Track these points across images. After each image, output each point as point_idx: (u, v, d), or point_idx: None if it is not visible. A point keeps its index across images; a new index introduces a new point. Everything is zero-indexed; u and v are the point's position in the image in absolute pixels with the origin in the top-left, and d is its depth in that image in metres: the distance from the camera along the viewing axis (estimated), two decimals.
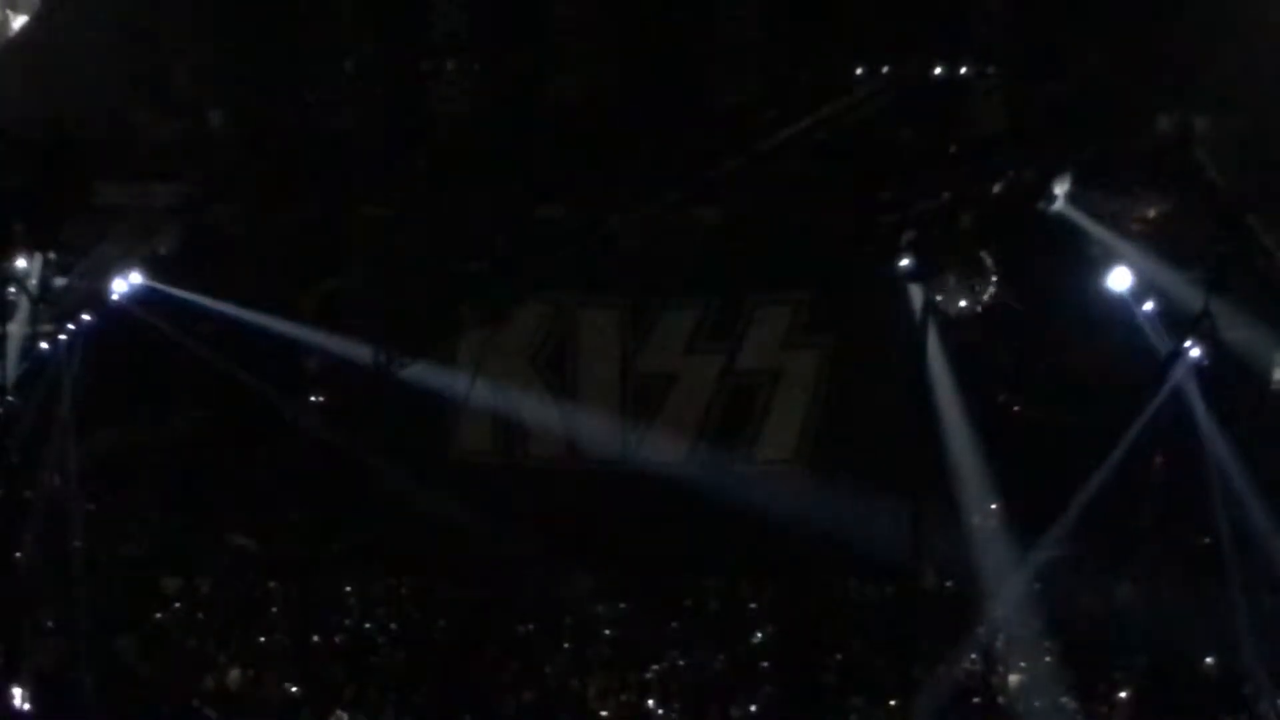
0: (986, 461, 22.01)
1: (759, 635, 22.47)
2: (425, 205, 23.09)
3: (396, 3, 23.09)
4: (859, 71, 22.26)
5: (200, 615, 22.41)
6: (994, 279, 21.64)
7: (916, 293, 21.89)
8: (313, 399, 22.88)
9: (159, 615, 22.32)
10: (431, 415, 23.19)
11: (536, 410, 23.14)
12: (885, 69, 22.20)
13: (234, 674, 21.74)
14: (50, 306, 21.83)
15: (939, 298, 21.71)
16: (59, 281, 21.84)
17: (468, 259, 22.97)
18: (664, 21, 22.63)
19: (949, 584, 22.21)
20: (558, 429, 23.19)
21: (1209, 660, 21.45)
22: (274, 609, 22.44)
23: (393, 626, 22.32)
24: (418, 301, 23.16)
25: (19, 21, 21.88)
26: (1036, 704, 21.44)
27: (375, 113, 23.20)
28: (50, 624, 21.71)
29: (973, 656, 21.80)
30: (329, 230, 23.23)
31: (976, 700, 21.60)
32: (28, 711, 20.78)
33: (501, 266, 23.04)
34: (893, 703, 21.45)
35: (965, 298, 21.79)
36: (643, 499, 22.93)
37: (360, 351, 22.68)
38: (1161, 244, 21.94)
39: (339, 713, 21.32)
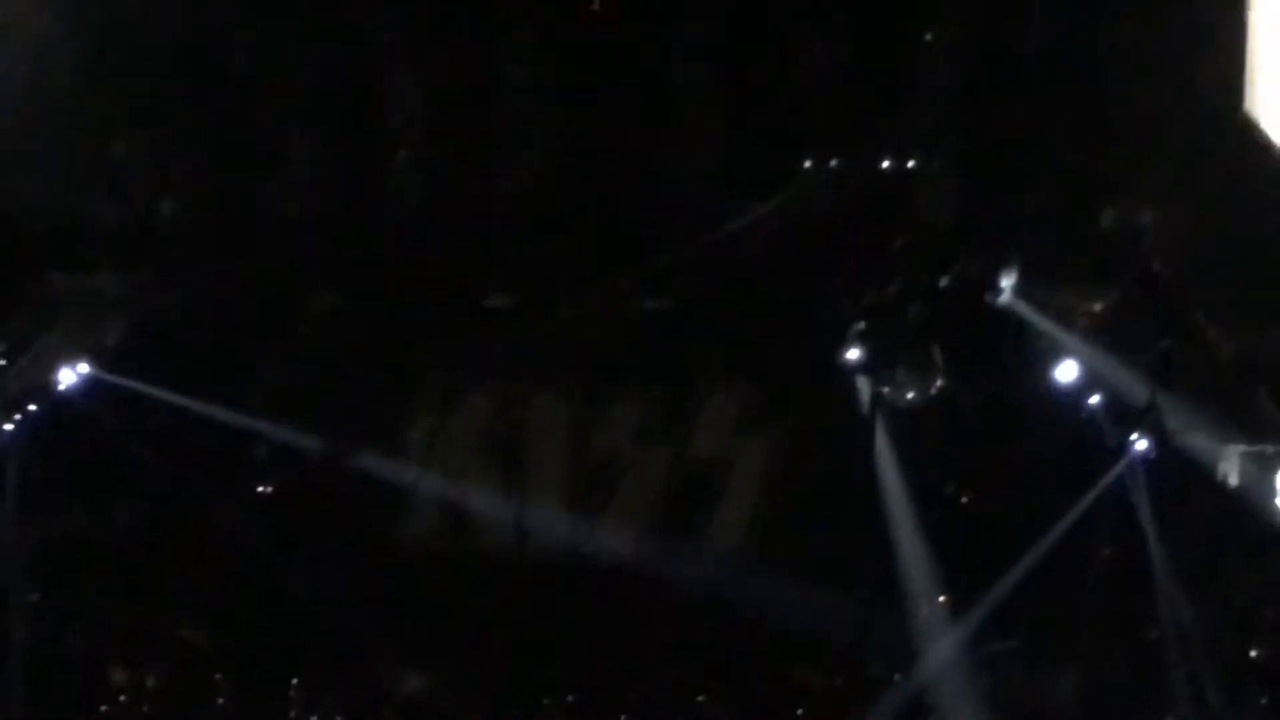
0: (934, 552, 21.99)
1: None
2: (375, 293, 23.13)
3: (349, 92, 23.17)
4: (807, 163, 22.42)
5: (146, 708, 22.25)
6: (942, 371, 21.69)
7: (865, 384, 21.96)
8: (260, 489, 22.84)
9: (105, 708, 22.15)
10: (379, 505, 23.14)
11: (485, 500, 23.09)
12: (833, 161, 22.35)
13: None
14: None
15: (887, 389, 21.79)
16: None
17: (417, 347, 23.04)
18: (615, 113, 22.74)
19: (896, 675, 22.14)
20: (507, 519, 23.13)
21: None
22: (220, 701, 22.29)
23: (338, 719, 22.19)
24: (366, 390, 23.16)
25: None
26: None
27: (326, 201, 23.28)
28: None
29: None
30: (278, 318, 23.24)
31: None
32: None
33: (450, 355, 23.10)
34: None
35: (913, 389, 21.88)
36: (592, 589, 22.87)
37: (308, 441, 22.68)
38: (1108, 337, 22.02)
39: None
